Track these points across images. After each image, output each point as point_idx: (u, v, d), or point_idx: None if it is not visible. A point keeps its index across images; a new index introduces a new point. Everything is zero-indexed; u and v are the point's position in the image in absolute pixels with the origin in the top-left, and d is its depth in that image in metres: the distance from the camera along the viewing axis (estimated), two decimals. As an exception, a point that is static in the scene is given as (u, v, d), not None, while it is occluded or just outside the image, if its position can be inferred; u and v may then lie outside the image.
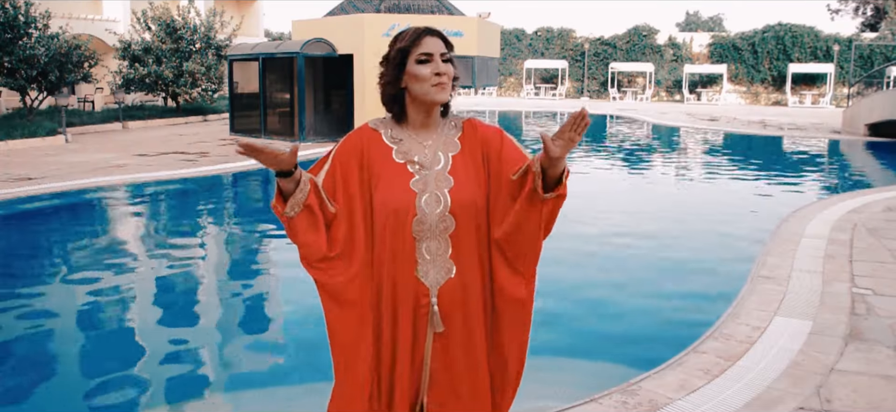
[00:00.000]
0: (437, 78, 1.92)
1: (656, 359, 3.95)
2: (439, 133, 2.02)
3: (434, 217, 1.93)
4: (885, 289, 5.25)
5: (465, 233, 1.96)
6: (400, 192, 1.94)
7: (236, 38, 22.72)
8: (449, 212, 1.93)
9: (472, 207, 1.96)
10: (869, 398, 3.48)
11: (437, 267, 1.95)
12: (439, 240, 1.95)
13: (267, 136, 16.47)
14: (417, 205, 1.92)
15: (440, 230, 1.94)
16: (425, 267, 1.95)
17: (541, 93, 40.40)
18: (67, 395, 4.01)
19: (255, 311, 5.60)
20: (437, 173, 1.96)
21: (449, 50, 1.96)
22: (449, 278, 1.96)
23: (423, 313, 1.97)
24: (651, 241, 7.64)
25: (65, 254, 7.26)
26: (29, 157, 12.52)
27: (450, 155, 1.99)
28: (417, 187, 1.94)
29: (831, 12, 50.11)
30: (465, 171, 1.97)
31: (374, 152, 1.99)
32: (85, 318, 5.28)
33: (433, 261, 1.95)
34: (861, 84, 24.14)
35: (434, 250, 1.95)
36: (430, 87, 1.92)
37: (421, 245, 1.94)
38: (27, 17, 15.71)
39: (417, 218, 1.92)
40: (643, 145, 19.21)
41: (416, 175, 1.95)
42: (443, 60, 1.94)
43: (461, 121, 2.07)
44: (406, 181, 1.95)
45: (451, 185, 1.95)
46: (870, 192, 10.09)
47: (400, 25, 15.65)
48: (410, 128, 2.02)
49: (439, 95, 1.93)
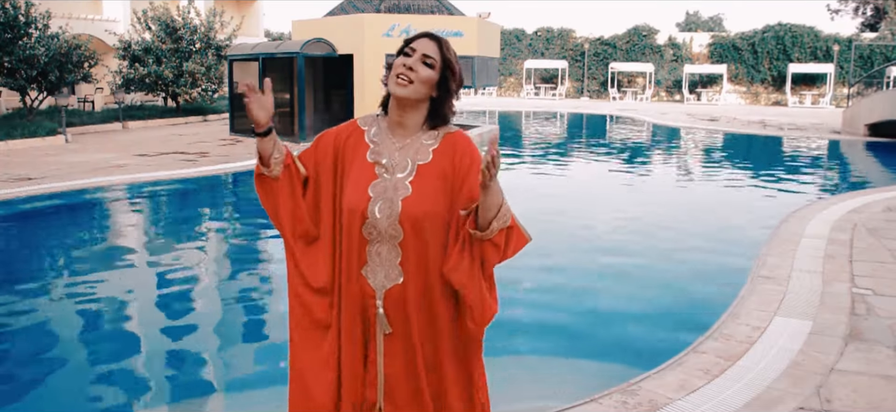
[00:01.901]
0: (403, 69, 1.91)
1: (656, 359, 3.96)
2: (415, 138, 2.00)
3: (384, 223, 1.93)
4: (885, 289, 5.25)
5: (415, 243, 1.93)
6: (358, 193, 1.96)
7: (236, 38, 22.71)
8: (398, 221, 1.92)
9: (424, 220, 1.92)
10: (869, 398, 3.48)
11: (386, 271, 1.96)
12: (389, 246, 1.95)
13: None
14: (370, 209, 1.93)
15: (389, 237, 1.94)
16: (374, 269, 1.96)
17: (541, 93, 40.40)
18: (67, 395, 4.01)
19: (255, 311, 5.60)
20: (397, 179, 1.95)
21: (440, 59, 1.94)
22: (396, 284, 1.95)
23: (371, 314, 1.99)
24: (651, 241, 7.64)
25: (65, 255, 7.26)
26: (29, 157, 12.52)
27: (417, 163, 1.97)
28: (375, 191, 1.95)
29: (831, 12, 50.16)
30: (425, 182, 1.94)
31: (352, 148, 2.02)
32: (85, 318, 5.28)
33: (382, 265, 1.96)
34: (861, 84, 24.13)
35: (384, 254, 1.95)
36: (393, 77, 1.93)
37: (372, 247, 1.96)
38: (27, 17, 15.71)
39: (368, 222, 1.94)
40: (643, 145, 19.21)
41: (379, 178, 1.96)
42: (425, 63, 1.93)
43: (444, 133, 2.01)
44: (367, 183, 1.96)
45: (407, 194, 1.93)
46: (870, 192, 10.09)
47: (400, 25, 15.68)
48: (390, 127, 2.03)
49: (395, 87, 1.92)
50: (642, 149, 18.41)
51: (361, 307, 2.00)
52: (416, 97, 1.94)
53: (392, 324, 1.97)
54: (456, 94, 2.00)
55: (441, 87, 1.97)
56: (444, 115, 2.00)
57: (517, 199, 9.88)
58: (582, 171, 14.14)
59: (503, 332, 4.94)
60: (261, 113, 1.93)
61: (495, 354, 4.52)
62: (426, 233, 1.93)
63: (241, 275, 6.60)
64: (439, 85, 1.96)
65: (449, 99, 1.99)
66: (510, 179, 12.42)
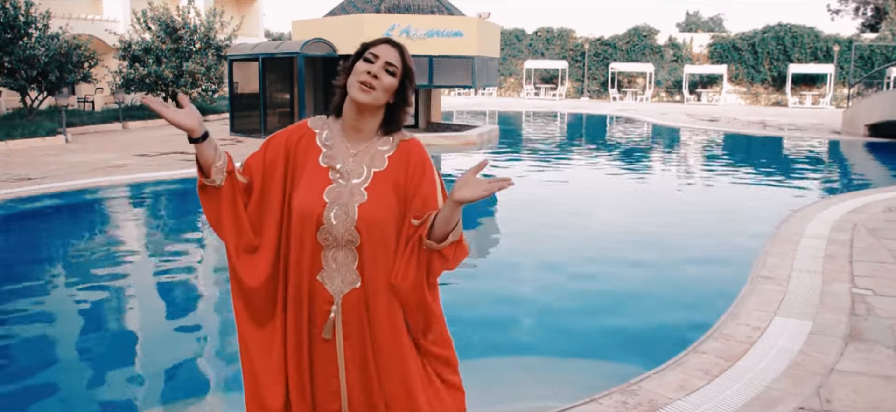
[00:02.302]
0: (367, 76, 1.92)
1: (656, 359, 3.95)
2: (372, 145, 2.00)
3: (340, 229, 1.93)
4: (885, 289, 5.25)
5: (372, 247, 1.94)
6: (312, 198, 1.94)
7: (236, 38, 22.71)
8: (354, 226, 1.92)
9: (380, 225, 1.94)
10: (869, 398, 3.48)
11: (343, 276, 1.95)
12: (346, 251, 1.95)
13: (267, 137, 16.44)
14: (325, 215, 1.92)
15: (346, 241, 1.94)
16: (330, 274, 1.95)
17: (541, 93, 40.41)
18: (67, 395, 4.01)
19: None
20: (352, 186, 1.95)
21: (402, 67, 1.96)
22: (354, 288, 1.96)
23: (324, 319, 1.97)
24: (651, 242, 7.64)
25: (65, 255, 7.26)
26: (29, 157, 12.52)
27: (373, 170, 1.97)
28: (330, 197, 1.94)
29: (831, 13, 50.18)
30: (381, 189, 1.95)
31: (303, 152, 2.00)
32: (85, 318, 5.28)
33: (338, 270, 1.95)
34: (861, 84, 24.12)
35: (340, 260, 1.95)
36: (355, 83, 1.93)
37: (327, 253, 1.95)
38: (27, 17, 15.71)
39: (324, 227, 1.93)
40: (643, 146, 19.21)
41: (334, 183, 1.95)
42: (388, 70, 1.93)
43: (399, 139, 2.03)
44: (321, 188, 1.95)
45: (363, 200, 1.93)
46: (870, 192, 10.09)
47: (400, 25, 15.69)
48: (344, 131, 2.02)
49: (358, 93, 1.92)
50: (642, 149, 18.41)
51: (310, 313, 1.98)
52: (376, 104, 1.95)
53: (350, 328, 1.97)
54: (411, 101, 2.03)
55: (399, 94, 1.99)
56: (399, 121, 2.02)
57: (517, 199, 9.90)
58: (582, 171, 14.14)
59: (503, 332, 4.94)
60: (188, 119, 1.88)
61: (495, 354, 4.53)
62: (381, 238, 1.95)
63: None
64: (397, 92, 1.98)
65: (405, 106, 2.01)
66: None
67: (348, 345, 1.98)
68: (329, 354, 1.99)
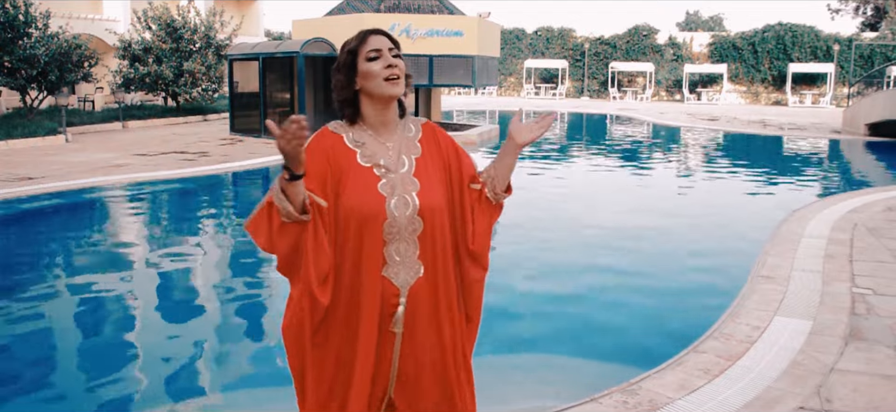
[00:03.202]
0: (389, 70, 1.95)
1: (656, 359, 3.95)
2: (400, 134, 2.04)
3: (404, 220, 1.94)
4: (885, 289, 5.25)
5: (432, 233, 1.98)
6: (369, 196, 1.93)
7: (236, 37, 22.71)
8: (417, 214, 1.95)
9: (438, 209, 2.00)
10: (869, 398, 3.48)
11: (407, 268, 1.97)
12: (408, 242, 1.96)
13: (267, 137, 16.46)
14: (387, 208, 1.93)
15: (409, 232, 1.96)
16: (395, 268, 1.96)
17: (541, 92, 40.41)
18: (67, 394, 4.01)
19: (255, 311, 5.60)
20: (402, 176, 1.97)
21: (396, 47, 2.00)
22: (418, 278, 1.98)
23: (389, 314, 1.98)
24: (651, 241, 7.64)
25: (65, 254, 7.26)
26: (29, 157, 12.52)
27: (413, 158, 2.01)
28: (385, 191, 1.95)
29: (831, 12, 50.12)
30: (428, 173, 2.01)
31: (339, 156, 1.98)
32: (85, 318, 5.28)
33: (403, 263, 1.96)
34: (861, 84, 24.11)
35: (403, 252, 1.96)
36: (382, 82, 1.95)
37: (390, 247, 1.95)
38: (27, 17, 15.71)
39: (388, 221, 1.93)
40: (643, 145, 19.20)
41: (383, 178, 1.96)
42: (392, 56, 1.97)
43: (419, 123, 2.10)
44: (374, 184, 1.95)
45: (418, 187, 1.97)
46: (870, 192, 10.08)
47: (400, 25, 15.69)
48: (369, 129, 2.02)
49: (393, 89, 1.95)
50: (642, 148, 18.41)
51: (380, 308, 1.97)
52: (402, 92, 2.00)
53: (412, 319, 1.99)
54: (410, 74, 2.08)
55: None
56: (404, 101, 2.08)
57: (517, 199, 9.84)
58: (581, 170, 14.14)
59: (503, 332, 4.94)
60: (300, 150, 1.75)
61: (495, 354, 4.53)
62: (440, 221, 2.01)
63: (242, 275, 6.60)
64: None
65: (409, 81, 2.04)
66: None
67: (407, 336, 2.00)
68: (388, 346, 2.00)
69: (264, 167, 12.45)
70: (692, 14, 62.94)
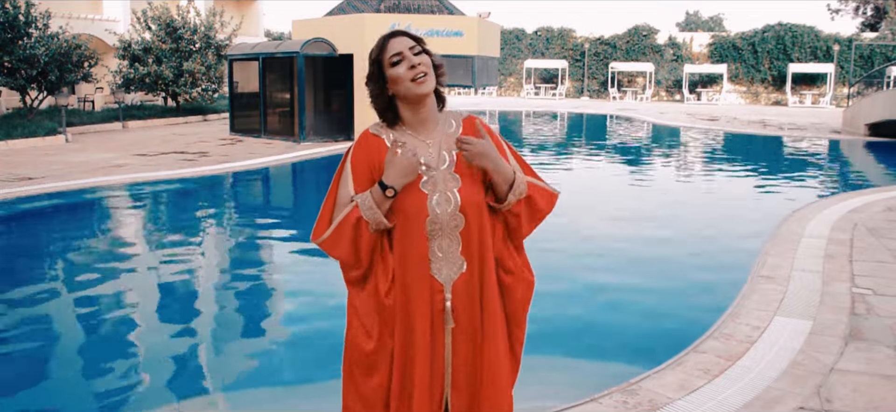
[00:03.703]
0: (413, 71, 1.95)
1: (656, 359, 3.96)
2: (440, 130, 2.06)
3: (446, 216, 1.97)
4: (885, 289, 5.25)
5: (474, 228, 2.00)
6: (411, 194, 1.97)
7: (236, 37, 22.71)
8: (459, 210, 1.98)
9: (479, 204, 2.01)
10: (869, 398, 3.48)
11: (450, 263, 2.00)
12: (450, 238, 1.99)
13: (267, 137, 16.47)
14: (429, 205, 1.97)
15: (451, 228, 1.98)
16: (438, 264, 1.99)
17: (541, 93, 40.40)
18: (68, 394, 4.01)
19: (256, 311, 5.61)
20: (443, 173, 2.00)
21: (419, 43, 2.00)
22: (461, 273, 2.00)
23: (439, 310, 2.01)
24: (651, 241, 7.64)
25: (65, 254, 7.26)
26: (29, 157, 12.52)
27: (453, 154, 2.03)
28: (427, 188, 1.98)
29: (831, 12, 50.12)
30: (469, 169, 2.02)
31: (381, 158, 2.02)
32: (85, 318, 5.28)
33: (445, 259, 1.99)
34: (861, 84, 24.11)
35: (446, 248, 1.99)
36: (409, 84, 1.96)
37: (433, 243, 1.98)
38: (27, 17, 15.72)
39: (430, 218, 1.97)
40: (643, 145, 19.20)
41: (425, 176, 1.99)
42: (414, 54, 1.97)
43: (460, 118, 2.11)
44: (416, 183, 1.98)
45: (459, 184, 1.99)
46: (870, 192, 10.09)
47: (399, 25, 15.66)
48: (409, 129, 2.05)
49: (421, 88, 1.96)
50: (642, 148, 18.40)
51: (430, 305, 2.00)
52: (432, 88, 2.00)
53: (458, 314, 2.01)
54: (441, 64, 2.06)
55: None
56: (442, 91, 2.09)
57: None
58: (581, 170, 14.15)
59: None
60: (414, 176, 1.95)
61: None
62: (481, 216, 2.02)
63: (242, 275, 6.60)
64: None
65: (440, 72, 2.04)
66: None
67: (457, 330, 2.02)
68: (440, 342, 2.02)
69: (264, 167, 12.45)
70: (692, 14, 62.94)
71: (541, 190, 2.12)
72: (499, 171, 1.98)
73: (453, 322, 2.01)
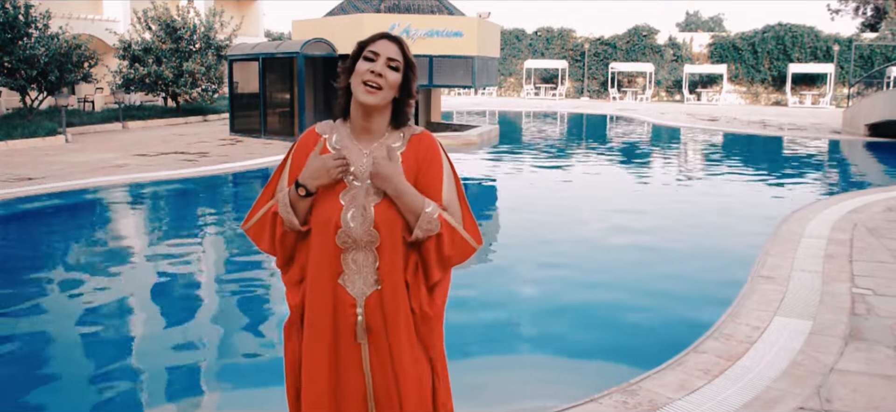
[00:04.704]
0: (370, 76, 1.89)
1: (656, 359, 3.95)
2: (381, 142, 1.99)
3: (359, 231, 1.92)
4: (885, 289, 5.25)
5: (391, 246, 1.93)
6: (328, 202, 1.93)
7: (236, 38, 22.71)
8: (373, 226, 1.91)
9: (398, 223, 1.92)
10: (869, 398, 3.48)
11: (364, 278, 1.94)
12: (366, 253, 1.93)
13: (267, 137, 16.47)
14: (343, 217, 1.91)
15: (366, 242, 1.93)
16: (351, 277, 1.94)
17: (541, 93, 40.40)
18: (68, 394, 4.01)
19: (255, 311, 5.61)
20: (366, 187, 1.93)
21: (403, 60, 1.93)
22: (375, 290, 1.95)
23: (349, 324, 1.95)
24: (651, 241, 7.63)
25: (65, 254, 7.26)
26: (29, 157, 12.52)
27: None
28: (345, 200, 1.93)
29: (831, 12, 50.13)
30: None
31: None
32: (85, 318, 5.28)
33: (359, 272, 1.94)
34: (861, 84, 24.10)
35: (361, 261, 1.94)
36: (359, 84, 1.91)
37: (347, 256, 1.94)
38: (27, 17, 15.71)
39: (342, 230, 1.92)
40: (643, 146, 19.20)
41: (349, 186, 1.94)
42: (390, 66, 1.91)
43: (411, 134, 2.02)
44: (337, 192, 1.94)
45: (379, 200, 1.92)
46: (870, 192, 10.09)
47: (400, 25, 15.68)
48: (354, 132, 2.00)
49: (363, 95, 1.90)
50: (642, 149, 18.40)
51: (334, 317, 1.96)
52: (383, 103, 1.93)
53: (372, 330, 1.96)
54: (416, 92, 2.01)
55: (403, 88, 1.96)
56: (406, 114, 2.00)
57: (517, 200, 9.88)
58: (581, 170, 14.14)
59: (503, 332, 4.95)
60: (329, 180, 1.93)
61: (495, 354, 4.53)
62: (400, 237, 1.94)
63: (241, 275, 6.60)
64: (401, 86, 1.96)
65: (411, 99, 1.99)
66: (510, 180, 12.41)
67: (373, 348, 1.97)
68: (354, 358, 1.98)
69: (264, 167, 12.45)
70: (692, 14, 62.95)
71: (456, 235, 1.95)
72: (401, 200, 1.88)
73: (365, 338, 1.95)
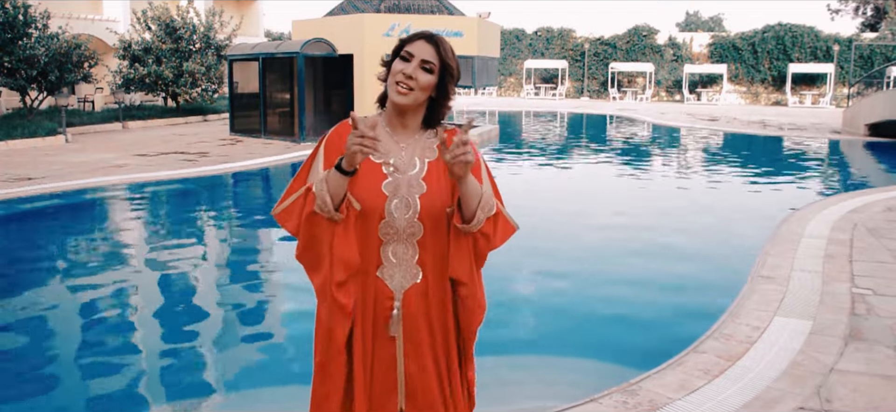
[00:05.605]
0: (403, 77, 1.87)
1: (656, 359, 3.96)
2: (418, 138, 1.98)
3: (402, 222, 1.90)
4: (885, 289, 5.25)
5: (433, 239, 1.93)
6: (371, 192, 1.90)
7: (236, 38, 22.71)
8: (417, 218, 1.90)
9: (440, 216, 1.92)
10: (869, 398, 3.48)
11: (403, 271, 1.94)
12: (406, 245, 1.92)
13: (267, 137, 16.47)
14: (387, 208, 1.90)
15: (408, 235, 1.91)
16: (390, 270, 1.93)
17: (541, 93, 40.40)
18: (67, 394, 4.01)
19: (256, 311, 5.60)
20: (410, 178, 1.92)
21: (440, 63, 1.90)
22: (415, 283, 1.94)
23: (386, 317, 1.95)
24: (651, 242, 7.63)
25: (65, 255, 7.26)
26: (29, 157, 12.52)
27: (426, 161, 1.95)
28: (388, 190, 1.91)
29: (831, 12, 50.13)
30: (438, 178, 1.93)
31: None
32: (85, 318, 5.28)
33: (399, 265, 1.93)
34: (861, 84, 24.11)
35: (401, 254, 1.93)
36: (393, 84, 1.89)
37: (386, 248, 1.92)
38: (27, 17, 15.71)
39: (385, 221, 1.90)
40: (643, 145, 19.20)
41: (390, 177, 1.92)
42: (424, 68, 1.89)
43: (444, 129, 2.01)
44: (378, 182, 1.91)
45: (423, 190, 1.91)
46: (870, 192, 10.09)
47: (400, 25, 15.69)
48: (390, 125, 1.99)
49: (396, 96, 1.89)
50: (642, 149, 18.41)
51: (374, 310, 1.95)
52: (416, 104, 1.92)
53: (410, 324, 1.95)
54: (453, 94, 1.98)
55: (439, 88, 1.94)
56: (439, 116, 1.98)
57: (517, 200, 9.85)
58: (581, 170, 14.14)
59: (504, 332, 4.94)
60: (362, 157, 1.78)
61: (496, 354, 4.53)
62: (443, 230, 1.94)
63: (241, 275, 6.60)
64: (437, 87, 1.94)
65: (447, 100, 1.97)
66: (510, 180, 12.41)
67: (408, 341, 1.96)
68: (388, 349, 1.97)
69: (264, 167, 12.45)
70: (692, 14, 62.95)
71: (503, 219, 1.97)
72: (471, 184, 1.84)
73: (400, 331, 1.94)
